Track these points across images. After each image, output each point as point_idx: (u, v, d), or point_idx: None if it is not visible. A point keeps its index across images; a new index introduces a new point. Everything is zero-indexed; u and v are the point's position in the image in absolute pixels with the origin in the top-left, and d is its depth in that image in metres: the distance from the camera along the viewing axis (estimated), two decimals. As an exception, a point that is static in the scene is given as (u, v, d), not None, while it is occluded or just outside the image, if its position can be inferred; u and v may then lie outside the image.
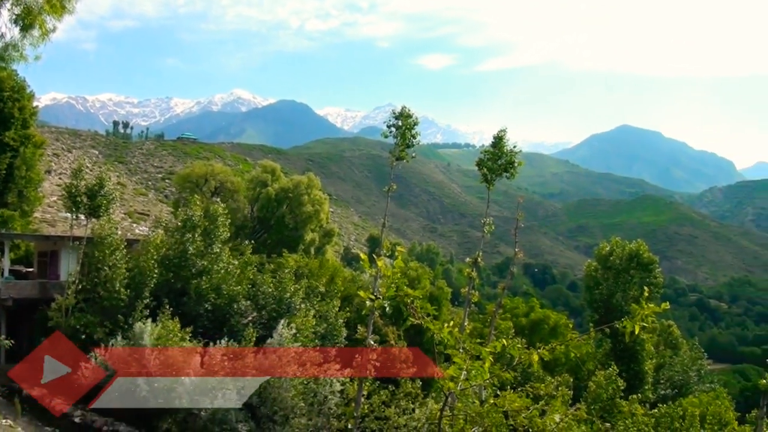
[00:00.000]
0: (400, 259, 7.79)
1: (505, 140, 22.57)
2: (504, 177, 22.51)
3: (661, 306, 7.52)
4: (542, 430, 8.83)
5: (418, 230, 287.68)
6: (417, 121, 21.62)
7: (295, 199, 68.95)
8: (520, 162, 22.53)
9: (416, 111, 21.90)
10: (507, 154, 22.34)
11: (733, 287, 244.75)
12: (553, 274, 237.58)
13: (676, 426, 24.31)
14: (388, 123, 21.62)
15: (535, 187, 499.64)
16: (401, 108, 21.80)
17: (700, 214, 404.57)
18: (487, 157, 22.49)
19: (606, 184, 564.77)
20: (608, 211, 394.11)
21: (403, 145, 21.20)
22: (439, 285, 61.68)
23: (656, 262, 51.13)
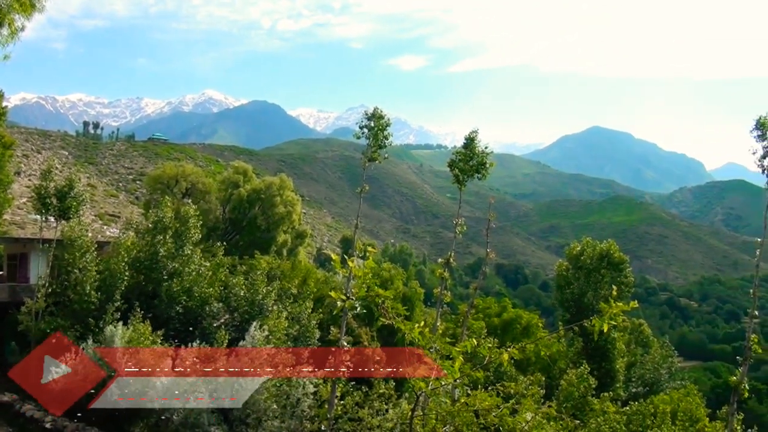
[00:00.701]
0: (372, 259, 7.83)
1: (477, 141, 22.68)
2: (476, 178, 22.61)
3: (630, 305, 7.64)
4: (512, 428, 8.90)
5: (391, 231, 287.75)
6: (389, 122, 21.67)
7: (267, 200, 68.66)
8: (491, 163, 22.65)
9: (389, 112, 21.94)
10: (478, 155, 22.45)
11: (703, 286, 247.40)
12: (525, 274, 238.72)
13: (648, 423, 24.56)
14: (360, 124, 21.65)
15: (507, 188, 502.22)
16: (374, 109, 21.83)
17: (670, 214, 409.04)
18: (458, 158, 22.59)
19: (577, 185, 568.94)
20: (579, 211, 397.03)
21: (376, 146, 21.24)
22: (412, 286, 61.73)
23: (627, 262, 51.58)
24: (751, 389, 25.34)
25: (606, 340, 45.87)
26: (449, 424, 9.24)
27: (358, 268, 7.71)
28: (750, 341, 18.08)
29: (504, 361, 8.02)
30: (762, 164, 18.63)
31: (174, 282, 31.17)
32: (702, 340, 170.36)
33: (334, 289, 9.03)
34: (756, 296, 18.77)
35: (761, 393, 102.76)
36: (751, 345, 18.02)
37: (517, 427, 8.90)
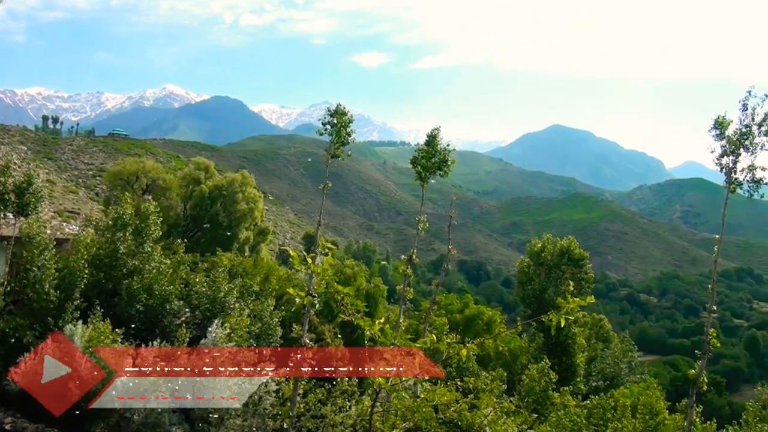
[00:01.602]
0: (331, 255, 7.81)
1: (439, 138, 22.72)
2: (438, 175, 22.66)
3: (587, 300, 7.74)
4: (471, 423, 8.96)
5: (355, 228, 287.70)
6: (352, 118, 21.60)
7: (229, 197, 68.18)
8: (453, 160, 22.70)
9: (352, 109, 21.88)
10: (441, 152, 22.49)
11: (662, 281, 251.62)
12: (487, 270, 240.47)
13: (608, 416, 24.83)
14: (323, 120, 21.55)
15: (470, 185, 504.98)
16: (336, 105, 21.76)
17: (630, 211, 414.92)
18: (421, 155, 22.61)
19: (539, 183, 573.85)
20: (541, 208, 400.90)
21: (339, 142, 21.14)
22: (375, 282, 61.77)
23: (587, 258, 52.15)
24: (710, 382, 25.73)
25: (567, 335, 46.38)
26: (409, 419, 9.28)
27: (316, 265, 7.69)
28: (708, 335, 18.34)
29: (462, 356, 8.06)
30: (720, 163, 18.91)
31: (134, 280, 30.76)
32: (661, 335, 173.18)
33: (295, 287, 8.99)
34: (714, 291, 19.05)
35: (720, 386, 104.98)
36: (710, 339, 18.28)
37: (475, 421, 8.97)
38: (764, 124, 18.03)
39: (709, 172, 55.18)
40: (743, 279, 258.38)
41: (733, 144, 18.27)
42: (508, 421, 11.01)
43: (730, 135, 18.31)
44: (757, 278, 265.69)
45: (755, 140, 18.20)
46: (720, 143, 18.53)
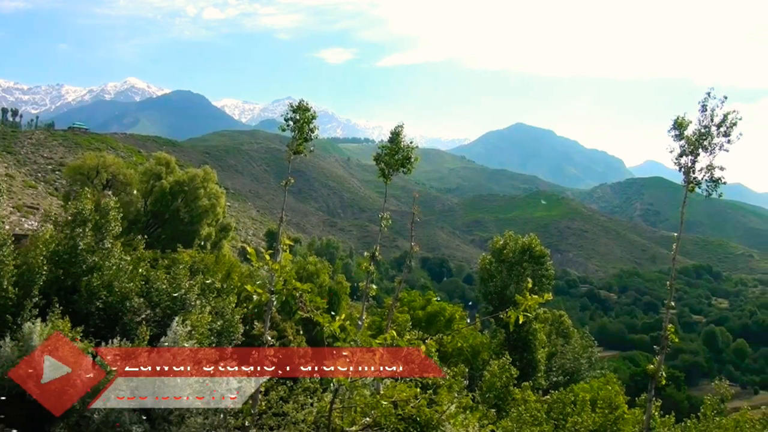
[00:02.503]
0: (289, 252, 7.77)
1: (403, 136, 22.74)
2: (401, 172, 22.69)
3: (544, 296, 7.83)
4: (429, 418, 9.00)
5: (318, 225, 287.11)
6: (315, 114, 21.48)
7: (190, 192, 67.50)
8: (416, 157, 22.73)
9: (316, 105, 21.77)
10: (404, 149, 22.52)
11: (622, 278, 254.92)
12: (449, 267, 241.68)
13: (568, 411, 25.07)
14: (285, 116, 21.42)
15: (433, 182, 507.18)
16: (299, 101, 21.65)
17: (591, 209, 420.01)
18: (384, 152, 22.61)
19: (501, 180, 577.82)
20: (503, 206, 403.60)
21: (301, 138, 21.02)
22: (338, 279, 61.67)
23: (548, 255, 52.61)
24: (669, 377, 26.15)
25: (528, 331, 46.78)
26: (369, 416, 9.28)
27: (274, 261, 7.66)
28: (667, 331, 18.61)
29: (422, 352, 8.10)
30: (679, 162, 19.21)
31: (94, 276, 30.30)
32: (621, 331, 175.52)
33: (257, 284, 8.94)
34: (672, 288, 19.31)
35: (679, 380, 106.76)
36: (668, 334, 18.54)
37: (434, 417, 9.01)
38: (723, 125, 18.37)
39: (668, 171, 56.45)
40: (702, 276, 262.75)
41: (692, 144, 18.57)
42: (470, 416, 11.07)
43: (689, 135, 18.63)
44: (716, 275, 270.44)
45: (714, 141, 18.52)
46: (679, 143, 18.83)
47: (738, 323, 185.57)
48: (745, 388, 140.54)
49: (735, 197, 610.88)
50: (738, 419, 23.92)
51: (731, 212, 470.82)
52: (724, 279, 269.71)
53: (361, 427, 9.24)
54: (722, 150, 18.79)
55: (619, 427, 24.79)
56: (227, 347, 25.54)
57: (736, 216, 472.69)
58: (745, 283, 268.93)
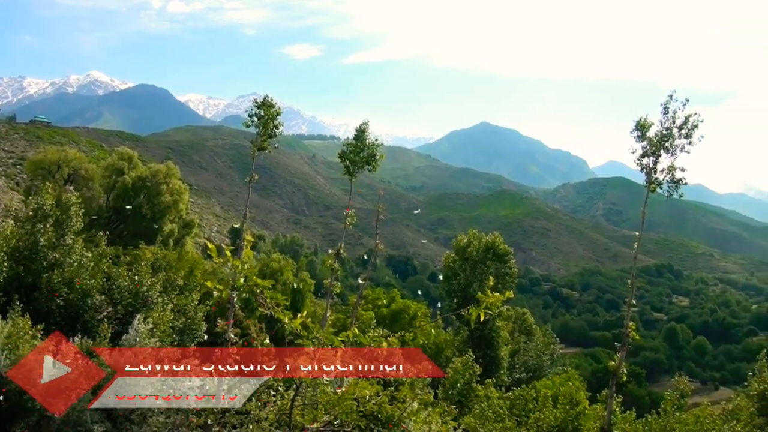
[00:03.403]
0: (250, 248, 7.74)
1: (368, 133, 22.80)
2: (366, 169, 22.73)
3: (506, 294, 7.90)
4: (391, 415, 9.02)
5: (283, 222, 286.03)
6: (280, 111, 21.41)
7: (153, 188, 66.79)
8: (381, 155, 22.80)
9: (281, 101, 21.74)
10: (369, 146, 22.58)
11: (584, 276, 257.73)
12: (414, 265, 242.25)
13: (530, 407, 25.28)
14: (250, 112, 21.31)
15: (398, 180, 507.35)
16: (264, 97, 21.55)
17: (554, 208, 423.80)
18: (349, 150, 22.66)
19: (466, 179, 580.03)
20: (467, 204, 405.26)
21: (266, 135, 20.94)
22: (302, 277, 61.62)
23: (511, 254, 53.03)
24: (630, 373, 26.43)
25: (491, 328, 47.15)
26: (330, 413, 9.28)
27: (235, 258, 7.62)
28: (628, 328, 18.91)
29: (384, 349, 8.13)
30: (641, 163, 19.50)
31: (55, 273, 29.86)
32: (583, 328, 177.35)
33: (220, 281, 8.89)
34: (633, 286, 19.66)
35: (640, 377, 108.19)
36: (629, 332, 18.86)
37: (395, 413, 9.03)
38: (684, 127, 18.67)
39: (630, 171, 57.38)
40: (663, 274, 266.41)
41: (653, 145, 18.86)
42: (432, 413, 11.13)
43: (651, 137, 18.91)
44: (677, 274, 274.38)
45: (675, 142, 18.84)
46: (641, 144, 19.13)
47: (698, 321, 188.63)
48: (705, 384, 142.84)
49: (696, 198, 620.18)
50: (698, 414, 24.30)
51: (692, 212, 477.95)
52: (684, 278, 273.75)
53: (323, 425, 9.23)
54: (683, 151, 19.12)
55: (581, 423, 25.06)
56: (190, 345, 25.30)
57: (697, 216, 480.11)
58: (705, 281, 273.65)
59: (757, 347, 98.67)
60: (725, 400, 36.33)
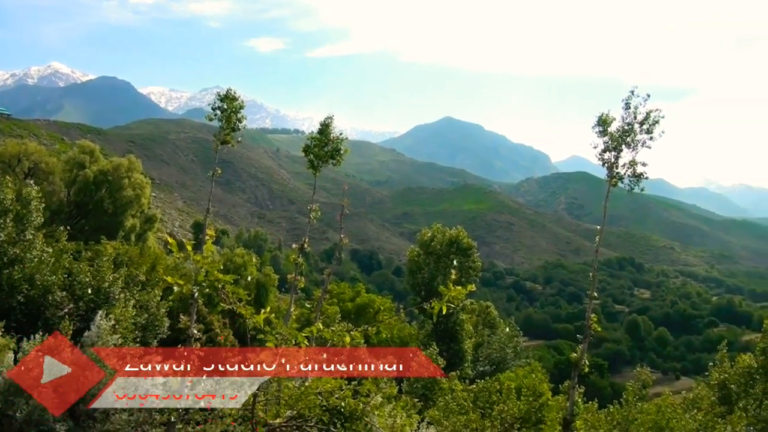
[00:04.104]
0: (211, 243, 7.70)
1: (332, 127, 22.73)
2: (330, 164, 22.68)
3: (467, 288, 7.96)
4: (354, 409, 9.05)
5: (246, 216, 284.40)
6: (243, 104, 21.31)
7: (114, 182, 65.92)
8: (346, 149, 22.75)
9: (245, 95, 21.62)
10: (333, 141, 22.51)
11: (547, 270, 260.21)
12: (379, 259, 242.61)
13: (494, 399, 25.47)
14: (212, 106, 21.16)
15: (363, 175, 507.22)
16: (227, 90, 21.41)
17: (517, 202, 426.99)
18: (314, 144, 22.57)
19: (430, 173, 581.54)
20: (432, 199, 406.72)
21: (229, 128, 20.82)
22: (266, 272, 61.23)
23: (475, 248, 53.44)
24: (592, 365, 26.79)
25: (455, 322, 47.52)
26: (293, 408, 9.27)
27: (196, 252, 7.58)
28: (590, 320, 19.15)
29: (346, 343, 8.15)
30: (602, 158, 19.72)
31: (15, 269, 29.37)
32: (546, 321, 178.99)
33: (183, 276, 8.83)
34: (595, 279, 19.91)
35: (602, 368, 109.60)
36: (591, 324, 19.09)
37: (358, 407, 9.06)
38: (645, 123, 18.92)
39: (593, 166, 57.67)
40: (624, 268, 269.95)
41: (615, 140, 19.10)
42: (396, 406, 11.18)
43: (613, 132, 19.15)
44: (638, 267, 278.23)
45: (636, 137, 19.10)
46: (603, 139, 19.36)
47: (659, 312, 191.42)
48: (666, 374, 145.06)
49: (657, 192, 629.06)
50: (659, 404, 24.71)
51: (654, 207, 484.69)
52: (646, 270, 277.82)
53: (286, 420, 9.22)
54: (644, 147, 19.38)
55: (544, 414, 25.37)
56: (153, 342, 25.06)
57: (658, 210, 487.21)
58: (666, 274, 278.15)
59: (718, 338, 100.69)
60: (686, 389, 37.04)
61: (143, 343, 24.39)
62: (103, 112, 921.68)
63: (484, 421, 23.12)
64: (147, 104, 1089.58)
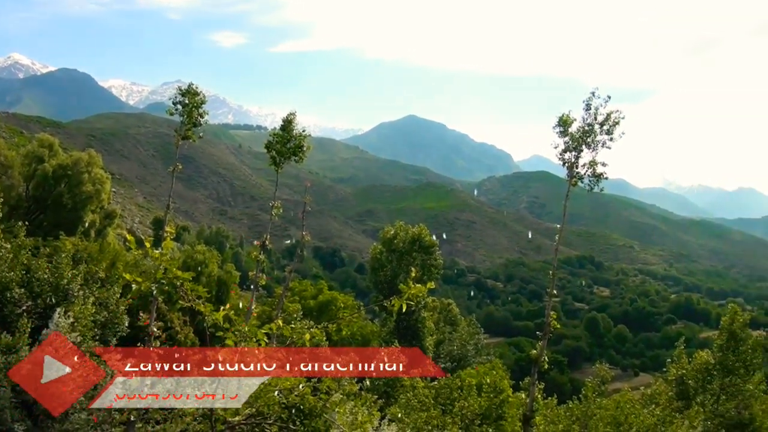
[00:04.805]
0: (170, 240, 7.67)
1: (295, 124, 22.69)
2: (293, 160, 22.63)
3: (427, 285, 8.05)
4: (314, 406, 9.08)
5: (208, 213, 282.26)
6: (205, 99, 21.12)
7: (74, 177, 64.97)
8: (308, 146, 22.73)
9: (207, 89, 21.46)
10: (296, 137, 22.47)
11: (508, 268, 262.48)
12: (341, 257, 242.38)
13: (455, 396, 25.67)
14: (174, 100, 20.97)
15: (326, 172, 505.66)
16: (188, 85, 21.24)
17: (479, 201, 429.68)
18: (276, 140, 22.51)
19: (393, 171, 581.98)
20: (395, 196, 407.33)
21: (190, 123, 20.63)
22: (227, 269, 60.82)
23: (437, 245, 53.76)
24: (552, 361, 27.12)
25: (416, 319, 47.75)
26: (252, 405, 9.28)
27: (155, 249, 7.56)
28: (549, 318, 19.39)
29: (306, 341, 8.18)
30: (563, 158, 19.97)
31: (-30, 266, 28.89)
32: (507, 318, 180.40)
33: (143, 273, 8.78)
34: (555, 277, 20.17)
35: (562, 365, 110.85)
36: (551, 321, 19.34)
37: (317, 405, 9.09)
38: (606, 124, 19.21)
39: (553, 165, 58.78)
40: (584, 266, 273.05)
41: (575, 141, 19.36)
42: (357, 403, 11.23)
43: (573, 132, 19.40)
44: (598, 265, 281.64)
45: (597, 138, 19.38)
46: (564, 140, 19.62)
47: (619, 310, 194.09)
48: (625, 370, 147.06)
49: (617, 192, 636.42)
50: (618, 400, 25.14)
51: (614, 206, 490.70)
52: (605, 269, 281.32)
53: (245, 417, 9.23)
54: (605, 147, 19.69)
55: (504, 410, 25.64)
56: (112, 340, 24.81)
57: (618, 209, 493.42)
58: (625, 272, 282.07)
59: (676, 335, 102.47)
60: (645, 385, 37.61)
61: (102, 341, 24.14)
62: (63, 105, 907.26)
63: (445, 417, 23.28)
64: (108, 98, 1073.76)
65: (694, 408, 27.45)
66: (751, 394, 30.59)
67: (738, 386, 30.17)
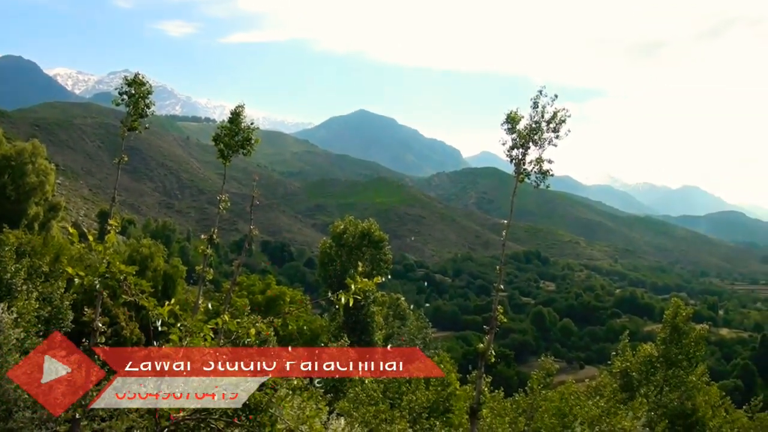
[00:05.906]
0: (114, 233, 7.59)
1: (243, 116, 22.55)
2: (241, 153, 22.49)
3: (375, 279, 8.09)
4: (259, 401, 9.07)
5: (154, 206, 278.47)
6: (151, 89, 20.82)
7: (17, 168, 63.64)
8: (257, 139, 22.60)
9: (155, 80, 21.27)
10: (244, 130, 22.34)
11: (457, 263, 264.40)
12: (290, 251, 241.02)
13: (403, 390, 25.87)
14: (120, 90, 20.65)
15: (276, 166, 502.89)
16: (135, 75, 20.93)
17: (429, 196, 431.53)
18: (224, 133, 22.35)
19: (343, 166, 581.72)
20: (345, 191, 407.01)
21: (136, 114, 20.33)
22: (174, 263, 60.14)
23: (386, 240, 53.95)
24: (499, 355, 27.40)
25: (365, 314, 47.84)
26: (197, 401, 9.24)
27: (98, 242, 7.46)
28: (496, 312, 19.59)
29: (251, 335, 8.17)
30: (510, 154, 20.19)
31: None
32: (455, 312, 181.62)
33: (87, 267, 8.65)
34: (502, 272, 20.39)
35: (509, 358, 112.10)
36: (497, 315, 19.53)
37: (263, 399, 9.09)
38: (552, 122, 19.48)
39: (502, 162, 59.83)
40: (531, 261, 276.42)
41: (523, 138, 19.60)
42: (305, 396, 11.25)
43: (521, 130, 19.64)
44: (544, 260, 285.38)
45: (544, 135, 19.64)
46: (511, 137, 19.83)
47: (564, 304, 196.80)
48: (571, 363, 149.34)
49: (564, 189, 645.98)
50: (563, 392, 25.59)
51: (560, 202, 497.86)
52: (552, 264, 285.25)
53: (189, 413, 9.16)
54: (551, 144, 19.94)
55: (452, 403, 25.92)
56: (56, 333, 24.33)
57: (565, 206, 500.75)
58: (571, 267, 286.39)
59: (620, 328, 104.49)
60: (590, 378, 38.36)
61: (47, 337, 23.70)
62: (7, 93, 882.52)
63: (394, 411, 23.43)
64: (53, 86, 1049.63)
65: (638, 399, 28.11)
66: (694, 386, 31.49)
67: (681, 378, 31.03)
